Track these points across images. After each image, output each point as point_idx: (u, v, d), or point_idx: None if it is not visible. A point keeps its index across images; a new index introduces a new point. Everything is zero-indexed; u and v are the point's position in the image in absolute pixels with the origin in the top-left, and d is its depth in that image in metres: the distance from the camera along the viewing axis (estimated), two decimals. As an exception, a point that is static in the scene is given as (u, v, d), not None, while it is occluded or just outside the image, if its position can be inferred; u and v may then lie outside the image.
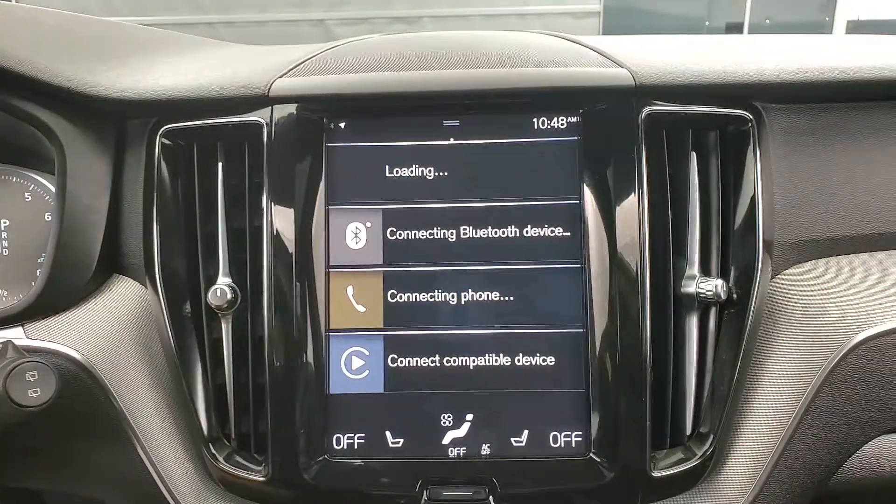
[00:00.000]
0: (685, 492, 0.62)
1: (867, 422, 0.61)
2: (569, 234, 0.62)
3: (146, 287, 0.66)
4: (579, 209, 0.61)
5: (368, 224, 0.63)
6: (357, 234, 0.63)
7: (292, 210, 0.62)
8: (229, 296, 0.63)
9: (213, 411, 0.65)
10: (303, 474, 0.61)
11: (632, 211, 0.60)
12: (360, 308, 0.62)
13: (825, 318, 0.61)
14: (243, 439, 0.65)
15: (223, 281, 0.65)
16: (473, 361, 0.62)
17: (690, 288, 0.63)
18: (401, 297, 0.62)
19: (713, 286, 0.62)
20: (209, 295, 0.64)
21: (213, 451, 0.63)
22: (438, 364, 0.62)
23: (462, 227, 0.62)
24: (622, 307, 0.60)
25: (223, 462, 0.63)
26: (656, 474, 0.60)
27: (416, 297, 0.62)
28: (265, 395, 0.61)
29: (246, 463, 0.63)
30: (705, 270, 0.64)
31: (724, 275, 0.64)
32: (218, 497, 0.64)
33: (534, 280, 0.62)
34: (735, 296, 0.64)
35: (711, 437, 0.61)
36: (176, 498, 0.63)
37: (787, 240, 0.65)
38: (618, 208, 0.61)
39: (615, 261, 0.60)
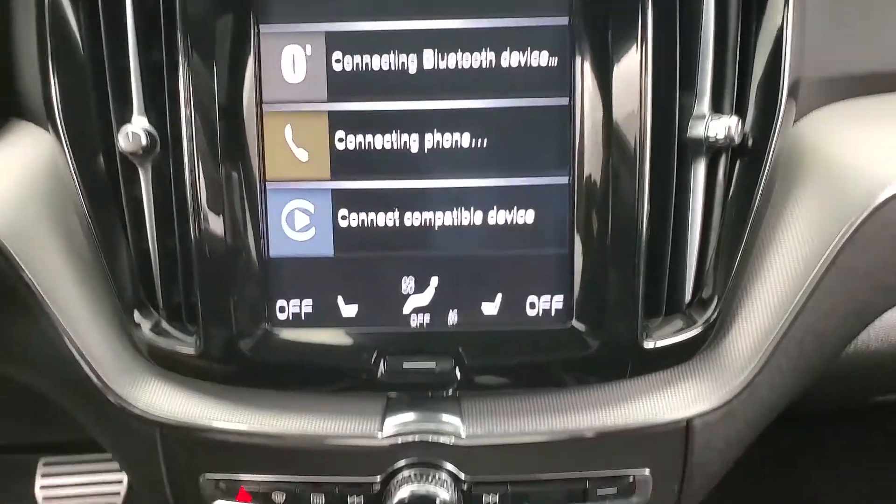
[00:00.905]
0: (680, 364, 0.55)
1: (892, 287, 0.53)
2: (555, 61, 0.51)
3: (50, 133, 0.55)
4: (568, 31, 0.50)
5: (308, 50, 0.51)
6: (294, 61, 0.51)
7: (214, 32, 0.50)
8: (144, 141, 0.53)
9: (138, 278, 0.56)
10: (239, 346, 0.53)
11: (632, 33, 0.49)
12: (302, 154, 0.52)
13: (854, 169, 0.52)
14: (175, 310, 0.57)
15: (138, 122, 0.54)
16: (439, 218, 0.52)
17: (698, 130, 0.53)
18: (350, 142, 0.52)
19: (726, 126, 0.52)
20: (120, 138, 0.53)
21: (138, 320, 0.55)
22: (398, 222, 0.53)
23: (424, 53, 0.51)
24: (616, 152, 0.50)
25: (149, 333, 0.55)
26: (648, 345, 0.53)
27: (368, 140, 0.52)
28: (192, 258, 0.52)
29: (176, 333, 0.55)
30: (717, 109, 0.54)
31: (739, 114, 0.54)
32: (147, 372, 0.56)
33: (511, 119, 0.51)
34: (751, 141, 0.54)
35: (715, 301, 0.53)
36: (99, 376, 0.55)
37: (817, 75, 0.55)
38: (614, 30, 0.49)
39: (609, 96, 0.50)
